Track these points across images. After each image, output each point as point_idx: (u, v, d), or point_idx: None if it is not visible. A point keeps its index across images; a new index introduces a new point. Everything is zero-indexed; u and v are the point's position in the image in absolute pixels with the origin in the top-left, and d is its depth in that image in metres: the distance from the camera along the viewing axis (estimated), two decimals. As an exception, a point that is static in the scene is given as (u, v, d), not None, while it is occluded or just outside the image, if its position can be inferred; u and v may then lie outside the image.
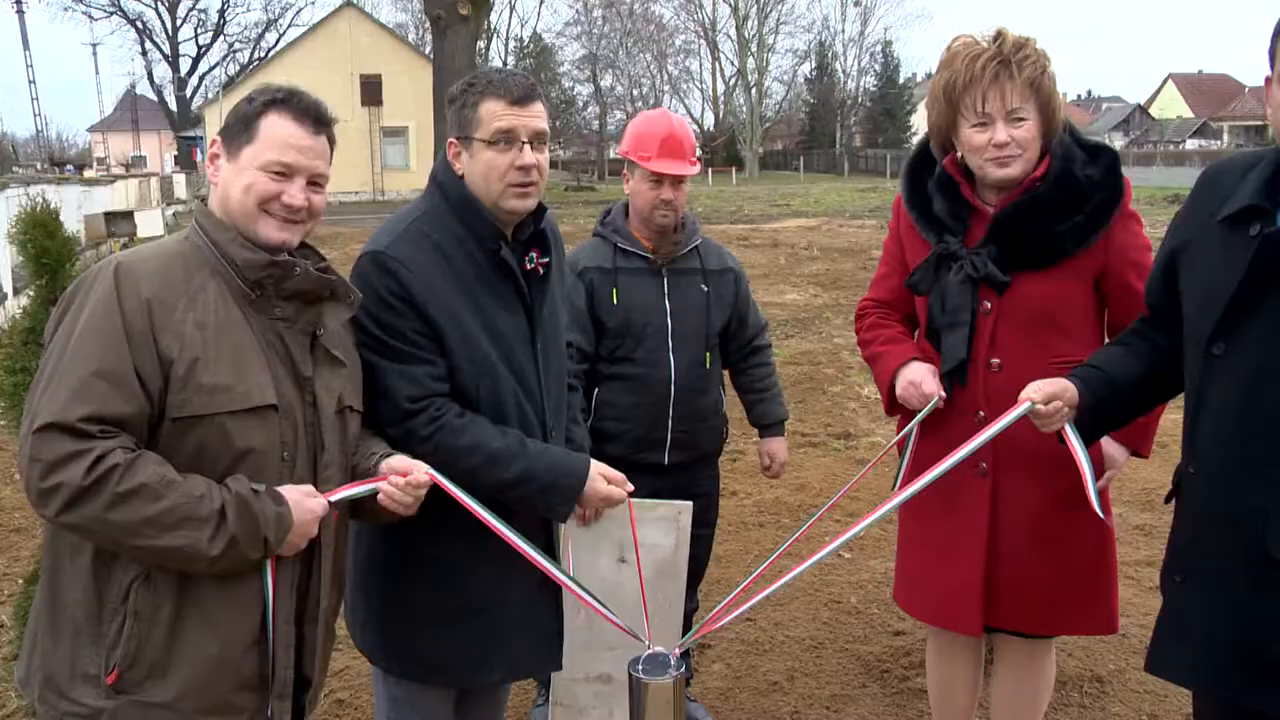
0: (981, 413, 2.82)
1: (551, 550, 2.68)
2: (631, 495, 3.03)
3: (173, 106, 65.04)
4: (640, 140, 3.52)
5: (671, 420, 3.55)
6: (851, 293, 13.75)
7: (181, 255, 2.09)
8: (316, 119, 2.19)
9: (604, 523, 3.23)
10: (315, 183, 2.19)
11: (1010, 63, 2.69)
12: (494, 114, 2.45)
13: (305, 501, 2.11)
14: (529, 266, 2.59)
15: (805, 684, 4.27)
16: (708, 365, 3.62)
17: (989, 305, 2.79)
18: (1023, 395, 2.51)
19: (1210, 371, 2.18)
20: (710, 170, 55.03)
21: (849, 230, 22.86)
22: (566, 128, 65.42)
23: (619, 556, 3.35)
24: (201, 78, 65.77)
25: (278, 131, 2.14)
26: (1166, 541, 2.38)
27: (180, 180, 33.38)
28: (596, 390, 3.54)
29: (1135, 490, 6.31)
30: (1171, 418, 2.51)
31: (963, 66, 2.72)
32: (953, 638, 3.12)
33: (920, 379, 2.88)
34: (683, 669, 2.47)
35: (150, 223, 18.77)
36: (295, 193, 2.15)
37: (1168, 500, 2.37)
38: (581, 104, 70.27)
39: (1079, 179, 2.77)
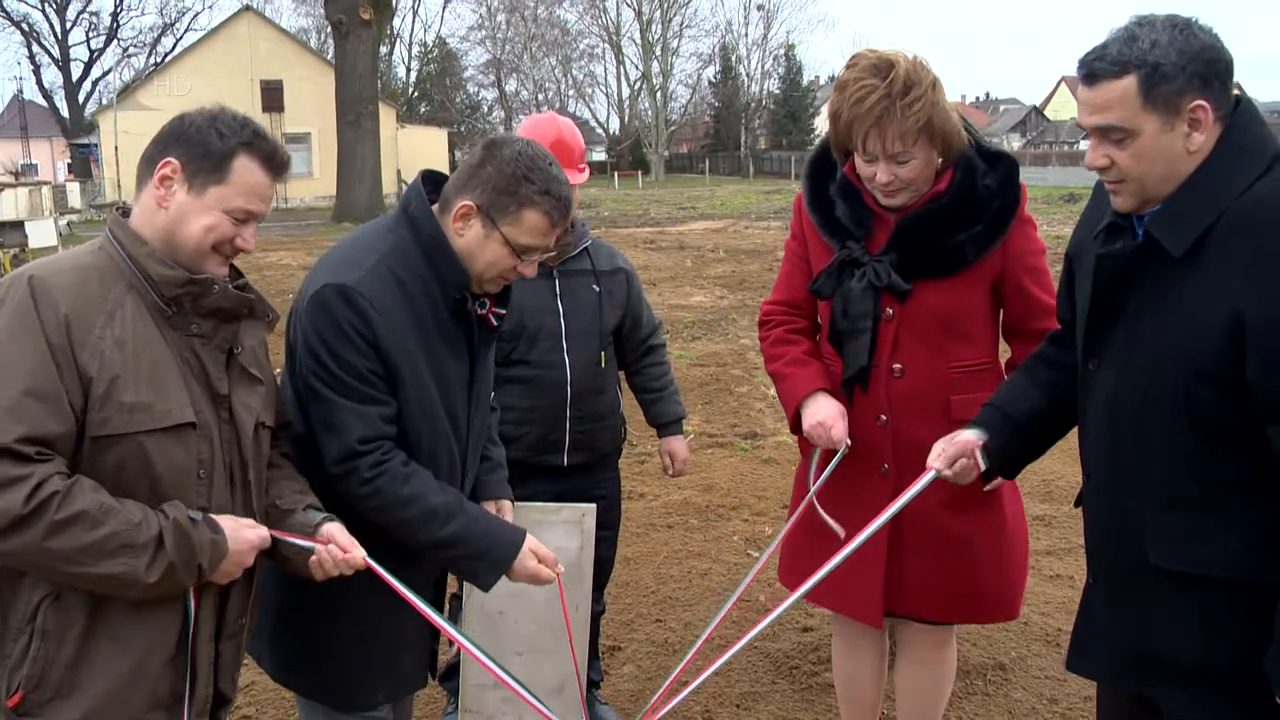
0: (883, 416, 2.87)
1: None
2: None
3: (64, 113, 63.09)
4: None
5: (569, 421, 3.55)
6: (757, 294, 13.87)
7: (97, 268, 2.03)
8: (280, 167, 2.16)
9: (509, 528, 3.22)
10: None
11: (895, 107, 2.63)
12: (535, 229, 2.41)
13: (242, 531, 2.11)
14: (481, 312, 2.57)
15: (715, 683, 4.29)
16: (603, 365, 3.63)
17: (890, 312, 2.83)
18: (929, 463, 2.58)
19: (1086, 387, 2.26)
20: (616, 174, 55.13)
21: (754, 232, 23.06)
22: (471, 133, 65.03)
23: (525, 561, 3.33)
24: (95, 83, 63.92)
25: (250, 179, 2.10)
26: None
27: (74, 189, 32.46)
28: (493, 394, 3.52)
29: (1035, 482, 6.46)
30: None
31: (850, 104, 2.69)
32: (856, 631, 3.17)
33: (831, 423, 2.87)
34: None
35: (42, 233, 18.17)
36: (249, 237, 2.14)
37: (1077, 504, 2.43)
38: (486, 109, 69.90)
39: (979, 190, 2.80)
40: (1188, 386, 2.00)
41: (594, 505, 3.34)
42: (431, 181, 2.55)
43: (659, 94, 65.07)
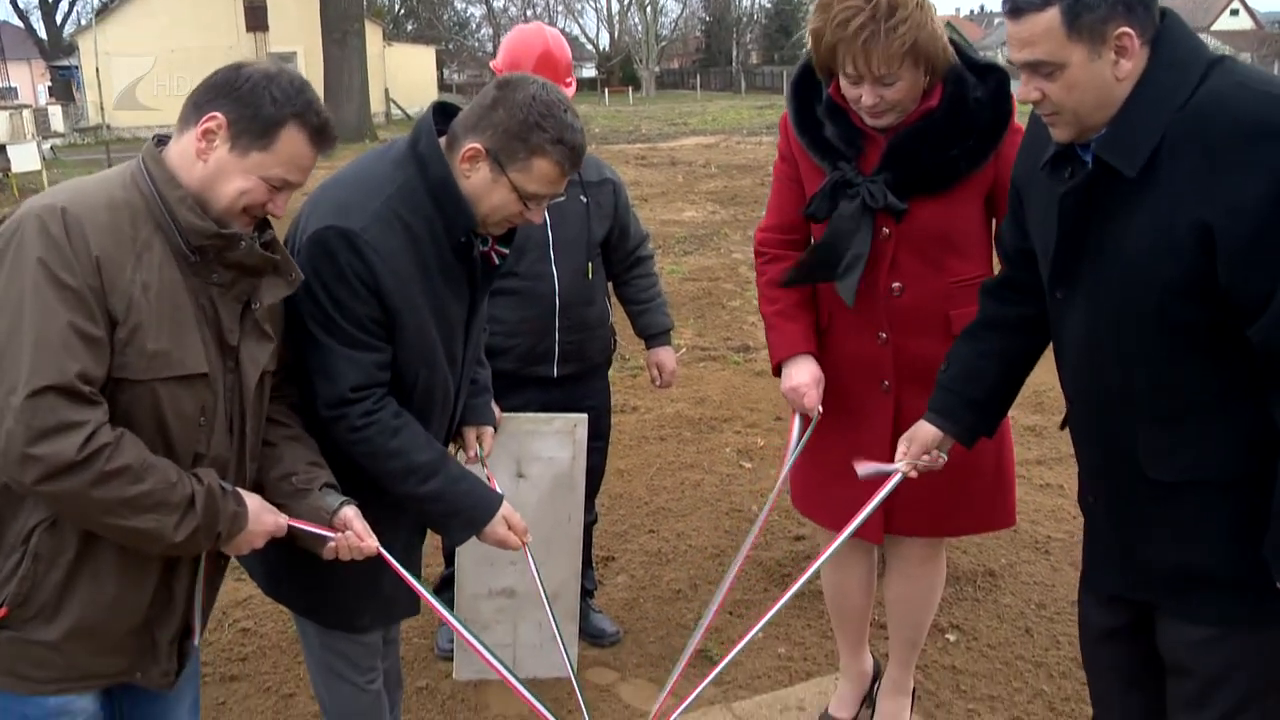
0: (883, 334, 2.86)
1: None
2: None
3: (42, 34, 61.92)
4: (515, 58, 3.46)
5: (558, 332, 3.54)
6: (749, 209, 13.80)
7: (129, 206, 1.98)
8: (328, 141, 2.12)
9: (501, 438, 3.22)
10: None
11: (880, 29, 2.55)
12: (545, 176, 2.35)
13: (263, 515, 2.14)
14: (484, 249, 2.53)
15: (709, 591, 4.34)
16: (590, 276, 3.61)
17: (887, 231, 2.80)
18: (895, 466, 2.60)
19: (1059, 315, 2.26)
20: (607, 90, 54.48)
21: (746, 147, 22.86)
22: (460, 51, 64.12)
23: (516, 472, 3.35)
24: (72, 2, 62.70)
25: (294, 150, 2.05)
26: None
27: (56, 113, 31.90)
28: None
29: (1026, 394, 6.40)
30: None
31: (833, 25, 2.61)
32: (847, 545, 3.19)
33: (804, 390, 2.89)
34: None
35: (25, 157, 17.97)
36: (281, 204, 2.10)
37: (1062, 427, 2.45)
38: (474, 25, 68.92)
39: (970, 103, 2.76)
40: (1161, 302, 2.01)
41: (585, 416, 3.36)
42: (442, 113, 2.47)
43: (649, 8, 64.12)
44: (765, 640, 4.00)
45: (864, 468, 2.63)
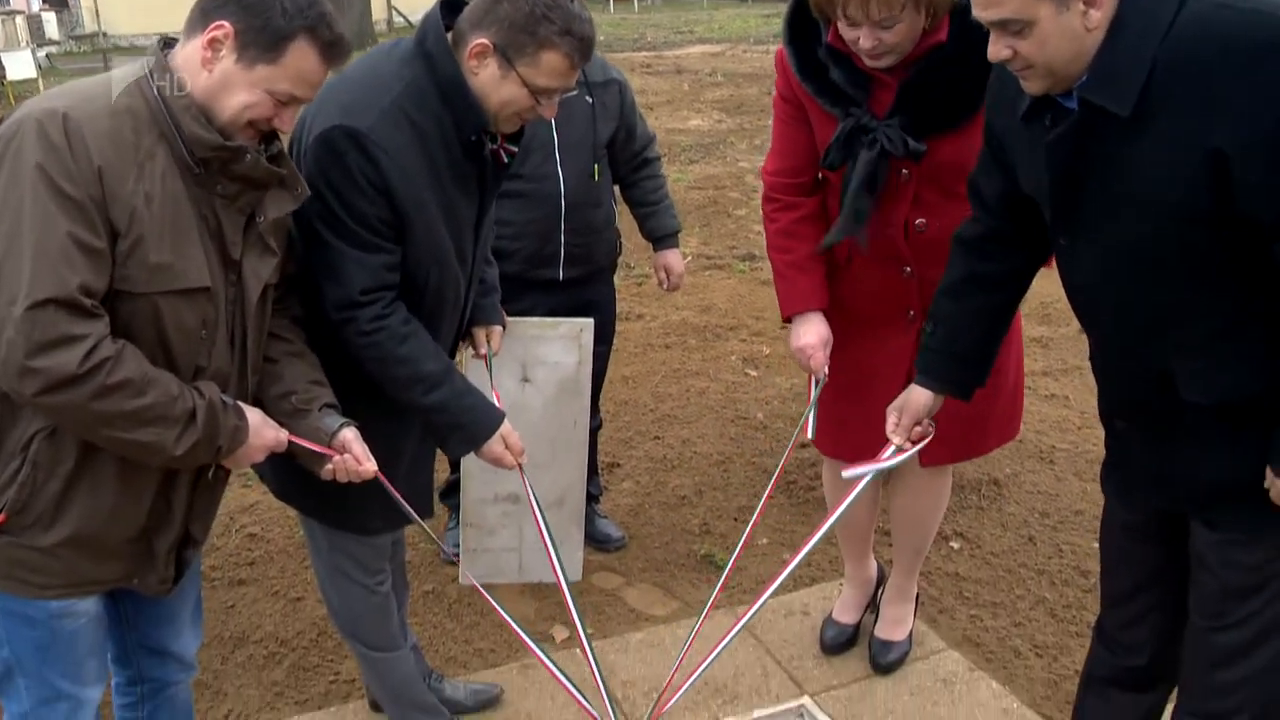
0: (908, 269, 2.82)
1: None
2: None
3: (37, -63, 60.95)
4: None
5: (564, 234, 3.50)
6: (756, 118, 13.62)
7: (131, 114, 1.91)
8: (339, 57, 2.04)
9: (506, 342, 3.20)
10: None
11: None
12: (555, 71, 2.27)
13: (264, 429, 2.13)
14: (493, 147, 2.46)
15: (714, 497, 4.36)
16: (596, 178, 3.56)
17: (906, 172, 2.73)
18: (888, 433, 2.57)
19: (1068, 261, 2.22)
20: (611, -2, 53.56)
21: (753, 56, 22.50)
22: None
23: (522, 376, 3.33)
24: (67, -96, 61.55)
25: (303, 65, 1.97)
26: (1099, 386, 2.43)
27: (50, 19, 31.37)
28: None
29: (1032, 305, 6.44)
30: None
31: None
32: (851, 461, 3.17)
33: (810, 353, 2.86)
34: None
35: (20, 64, 17.65)
36: (287, 120, 2.03)
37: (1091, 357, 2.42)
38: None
39: (978, 33, 2.68)
40: (1180, 234, 1.97)
41: (591, 321, 3.32)
42: (450, 9, 2.39)
43: (654, -88, 62.77)
44: (769, 547, 4.03)
45: (850, 471, 2.62)
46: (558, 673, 2.67)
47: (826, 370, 2.88)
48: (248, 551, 4.00)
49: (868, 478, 2.61)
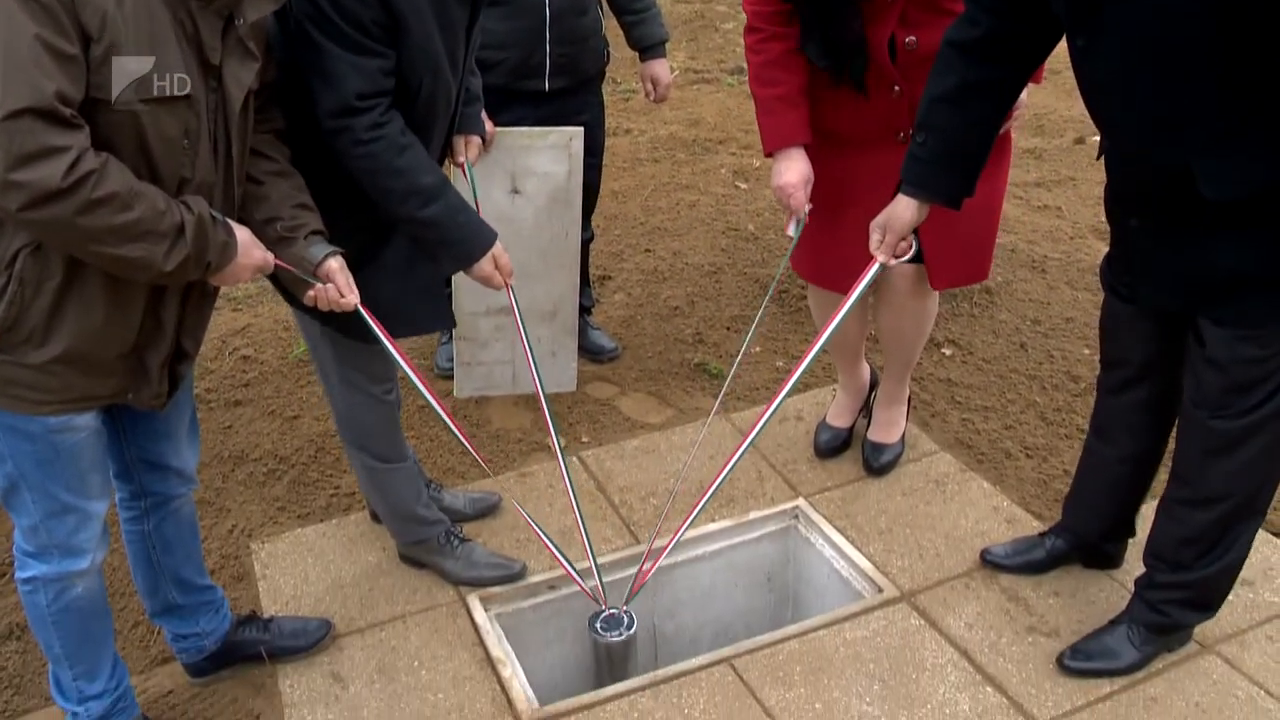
0: (898, 87, 2.75)
1: None
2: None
3: None
4: None
5: (550, 44, 3.38)
6: (742, -75, 13.15)
7: None
8: None
9: (495, 154, 3.15)
10: None
11: None
12: None
13: (252, 248, 2.10)
14: None
15: (706, 307, 4.36)
16: None
17: None
18: (872, 250, 2.55)
19: (1082, 60, 2.16)
20: None
21: None
22: None
23: (511, 188, 3.29)
24: None
25: None
26: (1107, 185, 2.41)
27: None
28: None
29: (1027, 117, 6.34)
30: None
31: None
32: (838, 281, 3.14)
33: (791, 190, 2.81)
34: (634, 628, 2.71)
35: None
36: None
37: (1099, 157, 2.38)
38: None
39: None
40: (1204, 27, 1.91)
41: (580, 129, 3.26)
42: None
43: None
44: (763, 354, 4.04)
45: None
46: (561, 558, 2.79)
47: (807, 210, 2.84)
48: (242, 374, 4.00)
49: (852, 299, 2.60)
